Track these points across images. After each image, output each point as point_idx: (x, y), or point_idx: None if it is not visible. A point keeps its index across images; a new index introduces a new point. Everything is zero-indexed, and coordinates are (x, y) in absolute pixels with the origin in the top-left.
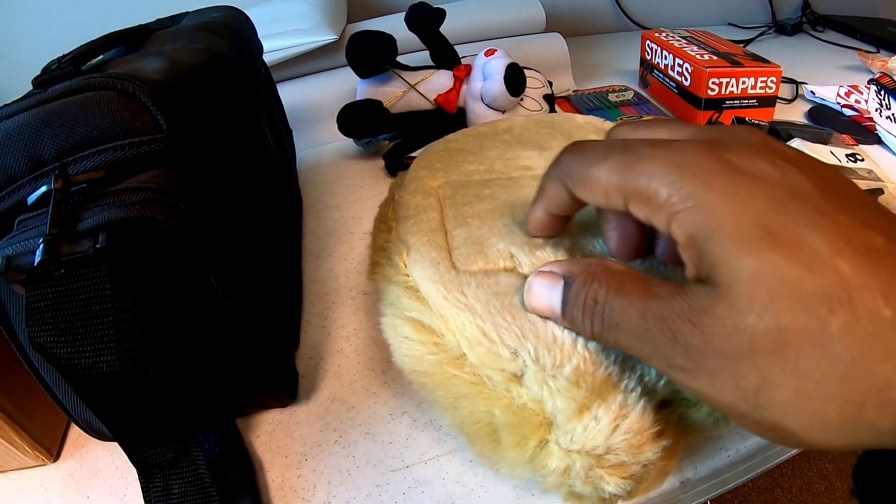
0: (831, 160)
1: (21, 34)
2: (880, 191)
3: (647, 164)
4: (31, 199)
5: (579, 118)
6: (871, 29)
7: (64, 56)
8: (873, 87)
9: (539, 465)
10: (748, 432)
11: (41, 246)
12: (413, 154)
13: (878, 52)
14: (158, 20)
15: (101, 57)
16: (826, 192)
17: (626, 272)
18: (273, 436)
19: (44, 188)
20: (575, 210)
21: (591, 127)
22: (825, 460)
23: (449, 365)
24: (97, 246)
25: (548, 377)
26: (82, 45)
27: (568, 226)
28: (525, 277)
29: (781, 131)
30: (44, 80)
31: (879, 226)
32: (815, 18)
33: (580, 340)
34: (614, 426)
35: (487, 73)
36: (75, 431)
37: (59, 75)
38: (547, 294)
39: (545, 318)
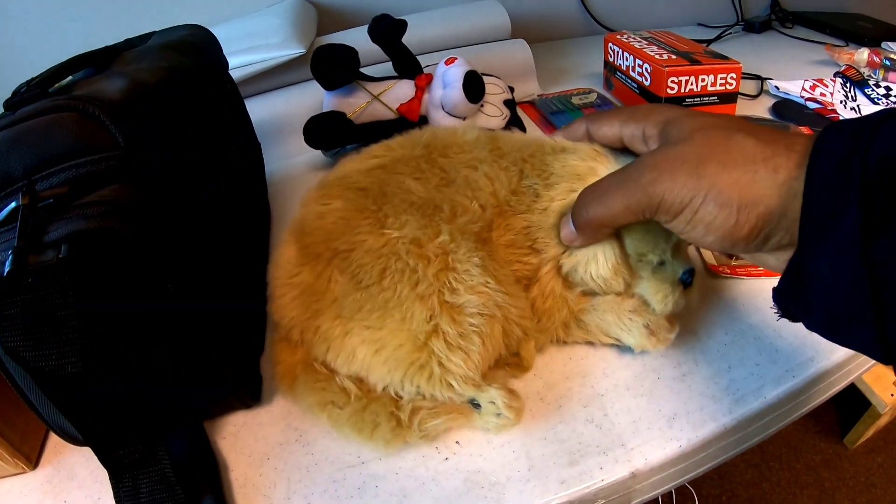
0: None
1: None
2: None
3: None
4: (2, 215)
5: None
6: (840, 23)
7: (33, 79)
8: (839, 80)
9: None
10: (698, 426)
11: (10, 257)
12: None
13: (847, 45)
14: (127, 40)
15: (69, 78)
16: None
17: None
18: (237, 436)
19: (13, 204)
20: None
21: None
22: (812, 452)
23: None
24: (60, 256)
25: None
26: (50, 69)
27: None
28: None
29: None
30: (14, 103)
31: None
32: (784, 15)
33: None
34: None
35: (447, 82)
36: (53, 439)
37: (27, 97)
38: (566, 226)
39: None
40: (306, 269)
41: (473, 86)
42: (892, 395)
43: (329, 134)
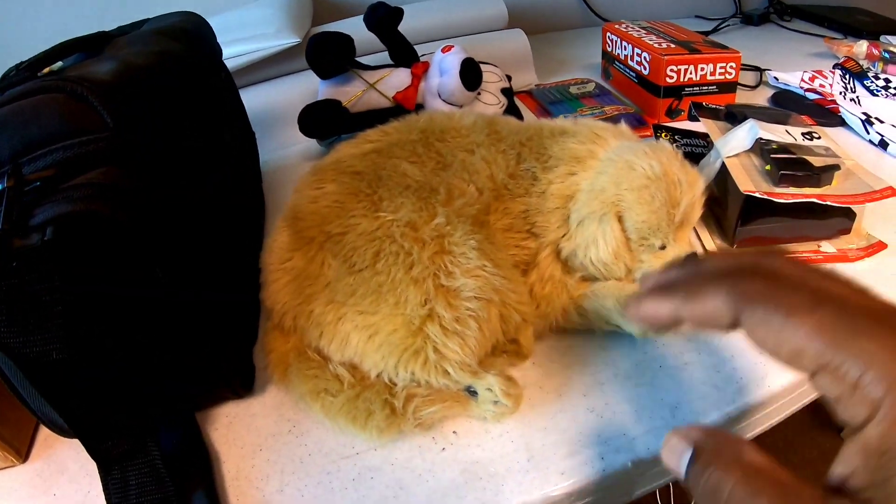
0: (787, 139)
1: None
2: (837, 166)
3: (868, 340)
4: None
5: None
6: (839, 17)
7: (21, 63)
8: (838, 72)
9: None
10: (700, 415)
11: None
12: None
13: (845, 38)
14: (120, 27)
15: (59, 63)
16: None
17: (759, 466)
18: (230, 428)
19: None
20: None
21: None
22: (810, 446)
23: None
24: (45, 239)
25: None
26: (40, 53)
27: None
28: None
29: (738, 114)
30: (2, 87)
31: None
32: (783, 8)
33: None
34: None
35: (444, 69)
36: (43, 433)
37: (16, 80)
38: (675, 456)
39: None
40: (298, 254)
41: (470, 73)
42: None
43: (324, 123)
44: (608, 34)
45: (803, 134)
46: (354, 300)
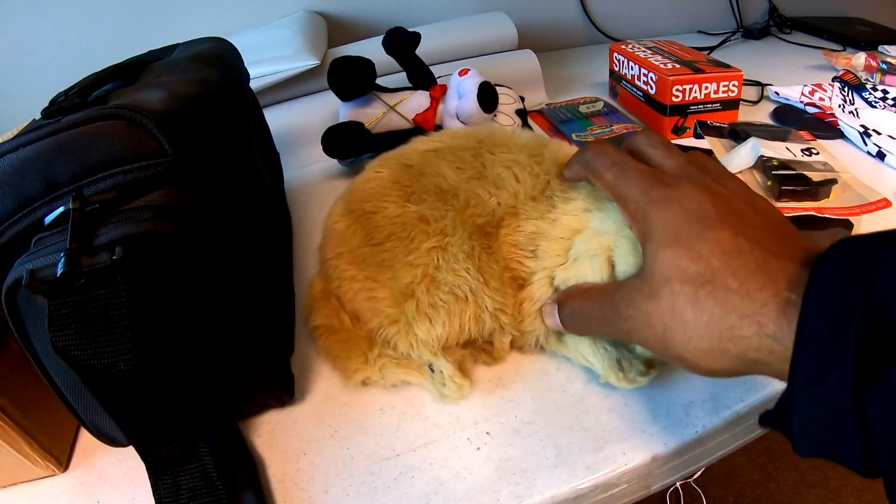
0: (787, 155)
1: (22, 63)
2: (834, 181)
3: (630, 180)
4: (49, 219)
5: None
6: (838, 28)
7: (70, 88)
8: (837, 85)
9: None
10: (712, 413)
11: (63, 259)
12: None
13: (844, 50)
14: (151, 52)
15: (102, 89)
16: (723, 215)
17: (589, 287)
18: (273, 434)
19: (61, 209)
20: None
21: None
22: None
23: None
24: (114, 257)
25: None
26: (86, 78)
27: None
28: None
29: (741, 132)
30: (53, 111)
31: (751, 234)
32: (783, 21)
33: None
34: None
35: (462, 92)
36: (83, 441)
37: (67, 106)
38: (551, 317)
39: (557, 332)
40: (342, 220)
41: (487, 96)
42: None
43: (348, 144)
44: (615, 54)
45: (802, 150)
46: (363, 266)
